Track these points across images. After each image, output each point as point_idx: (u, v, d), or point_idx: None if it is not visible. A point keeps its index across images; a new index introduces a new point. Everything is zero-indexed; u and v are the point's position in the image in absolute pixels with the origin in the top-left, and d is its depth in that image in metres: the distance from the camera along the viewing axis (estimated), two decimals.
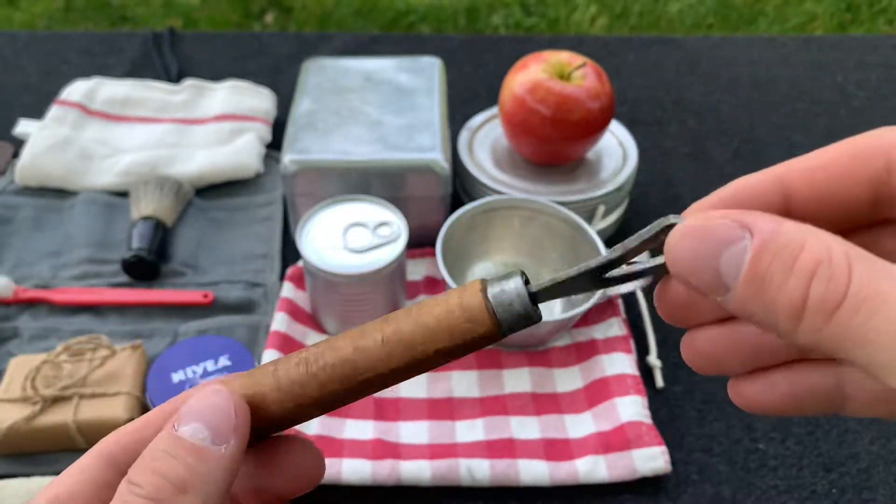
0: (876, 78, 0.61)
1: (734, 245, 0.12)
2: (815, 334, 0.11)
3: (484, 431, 0.34)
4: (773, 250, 0.11)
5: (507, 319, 0.14)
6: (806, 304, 0.11)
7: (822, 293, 0.11)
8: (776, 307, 0.11)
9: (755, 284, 0.11)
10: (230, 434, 0.14)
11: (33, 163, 0.47)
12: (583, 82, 0.41)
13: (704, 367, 0.14)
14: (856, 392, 0.14)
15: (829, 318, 0.11)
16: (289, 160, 0.40)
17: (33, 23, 1.33)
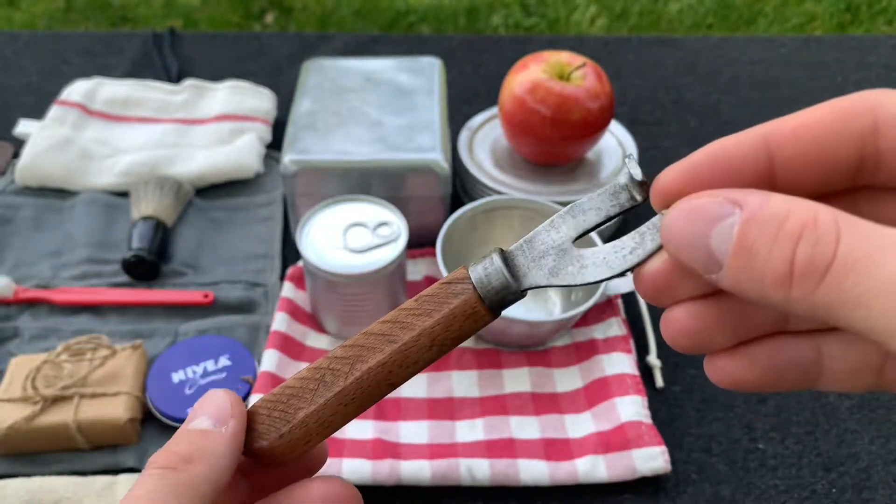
0: (875, 78, 0.61)
1: (723, 221, 0.12)
2: (808, 301, 0.11)
3: (484, 431, 0.34)
4: (760, 221, 0.11)
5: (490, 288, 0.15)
6: (793, 269, 0.11)
7: (809, 256, 0.11)
8: (765, 277, 0.11)
9: (744, 257, 0.11)
10: (228, 418, 0.16)
11: (34, 163, 0.47)
12: (582, 82, 0.41)
13: (685, 344, 0.14)
14: (833, 363, 0.14)
15: (819, 283, 0.10)
16: (289, 160, 0.40)
17: (34, 23, 1.33)
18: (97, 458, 0.33)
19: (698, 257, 0.12)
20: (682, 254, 0.12)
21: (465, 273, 0.15)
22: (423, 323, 0.15)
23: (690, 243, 0.12)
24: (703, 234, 0.12)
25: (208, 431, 0.15)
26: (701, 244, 0.12)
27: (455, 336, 0.15)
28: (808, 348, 0.14)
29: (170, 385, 0.35)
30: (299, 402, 0.16)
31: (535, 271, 0.15)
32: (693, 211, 0.12)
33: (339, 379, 0.16)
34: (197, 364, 0.36)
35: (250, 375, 0.36)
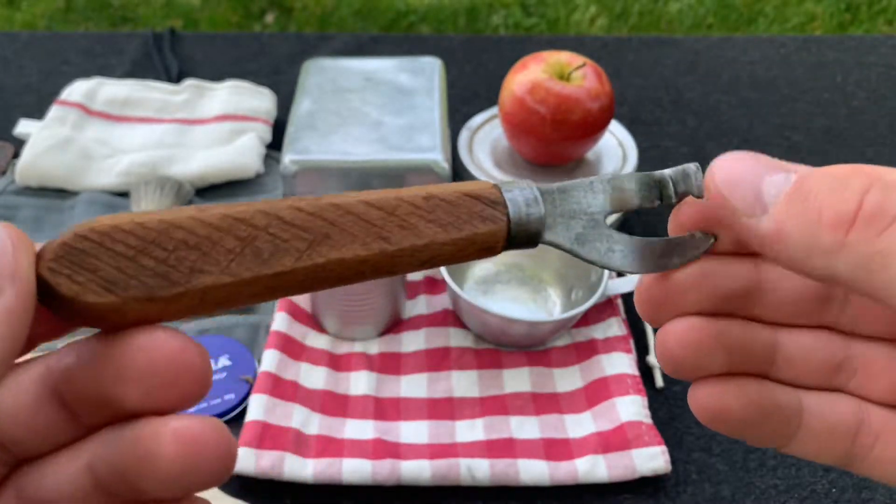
0: (876, 78, 0.61)
1: (781, 173, 0.11)
2: (865, 246, 0.10)
3: (484, 431, 0.34)
4: (822, 173, 0.11)
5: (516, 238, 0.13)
6: (859, 212, 0.10)
7: (879, 202, 0.10)
8: (820, 219, 0.10)
9: (800, 200, 0.11)
10: (5, 280, 0.10)
11: (34, 163, 0.47)
12: (582, 83, 0.41)
13: (685, 362, 0.14)
14: (811, 420, 0.14)
15: (885, 229, 0.10)
16: (289, 160, 0.40)
17: (34, 23, 1.33)
18: None
19: (744, 195, 0.11)
20: (727, 189, 0.12)
21: (498, 195, 0.13)
22: (434, 234, 0.12)
23: (741, 178, 0.12)
24: (759, 173, 0.11)
25: None
26: (752, 181, 0.11)
27: (458, 259, 0.13)
28: (791, 396, 0.14)
29: None
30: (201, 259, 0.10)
31: (562, 229, 0.13)
32: (752, 157, 0.12)
33: (284, 256, 0.11)
34: None
35: (250, 375, 0.36)
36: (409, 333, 0.39)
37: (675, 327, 0.14)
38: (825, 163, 0.12)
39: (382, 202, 0.12)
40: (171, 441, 0.10)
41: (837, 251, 0.10)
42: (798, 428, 0.14)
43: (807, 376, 0.14)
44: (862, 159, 0.52)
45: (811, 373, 0.14)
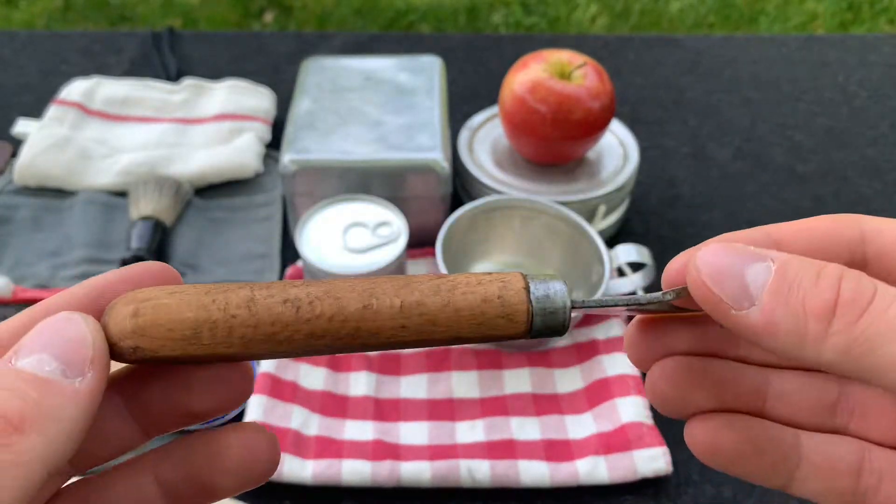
0: (877, 77, 0.60)
1: (759, 262, 0.12)
2: (847, 333, 0.11)
3: (484, 432, 0.34)
4: (799, 262, 0.12)
5: (540, 327, 0.13)
6: (838, 299, 0.11)
7: (854, 289, 0.11)
8: (805, 311, 0.11)
9: (783, 292, 0.11)
10: (86, 365, 0.11)
11: (32, 162, 0.47)
12: (583, 82, 0.41)
13: (672, 400, 0.14)
14: (811, 455, 0.14)
15: (864, 313, 0.11)
16: (288, 160, 0.40)
17: (32, 22, 1.33)
18: None
19: (731, 288, 0.12)
20: (714, 283, 0.12)
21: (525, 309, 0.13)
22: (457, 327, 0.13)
23: (725, 273, 0.12)
24: (740, 266, 0.12)
25: (52, 382, 0.10)
26: (736, 274, 0.12)
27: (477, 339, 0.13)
28: (787, 433, 0.14)
29: None
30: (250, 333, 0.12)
31: None
32: (730, 248, 0.12)
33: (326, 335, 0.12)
34: None
35: None
36: None
37: (663, 365, 0.14)
38: (827, 162, 0.12)
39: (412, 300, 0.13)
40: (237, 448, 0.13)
41: (824, 340, 0.11)
42: (798, 466, 0.14)
43: (802, 415, 0.14)
44: (863, 159, 0.52)
45: (806, 411, 0.14)
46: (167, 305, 0.12)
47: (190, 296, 0.12)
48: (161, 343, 0.12)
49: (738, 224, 0.47)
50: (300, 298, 0.12)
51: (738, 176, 0.51)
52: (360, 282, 0.13)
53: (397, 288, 0.13)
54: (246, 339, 0.12)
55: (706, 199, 0.49)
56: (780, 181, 0.50)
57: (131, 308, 0.12)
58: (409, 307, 0.13)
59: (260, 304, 0.12)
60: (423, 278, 0.13)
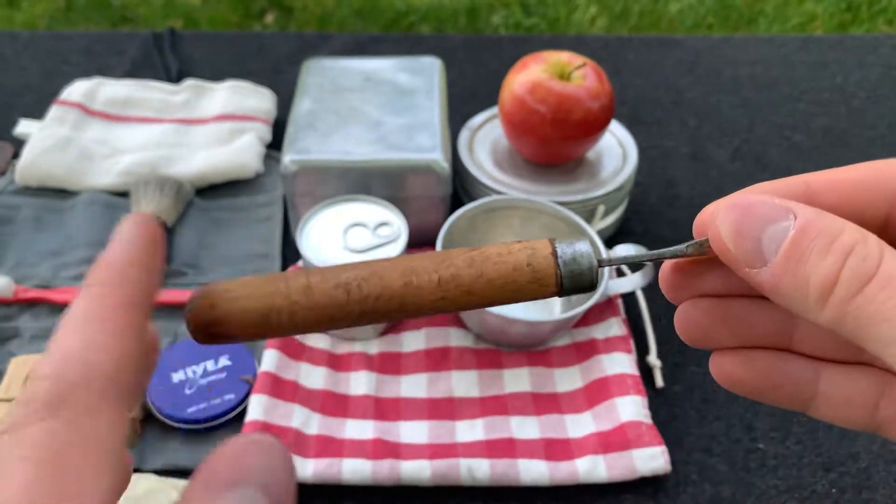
0: (876, 78, 0.61)
1: (778, 223, 0.12)
2: (841, 308, 0.12)
3: (484, 431, 0.34)
4: (815, 231, 0.12)
5: (570, 285, 0.15)
6: (838, 279, 0.12)
7: (855, 268, 0.11)
8: (809, 282, 0.12)
9: (793, 260, 0.12)
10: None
11: (34, 163, 0.47)
12: (583, 82, 0.41)
13: (695, 338, 0.15)
14: (828, 388, 0.15)
15: (858, 293, 0.11)
16: (289, 160, 0.40)
17: (34, 23, 1.33)
18: None
19: (746, 248, 0.12)
20: (731, 241, 0.13)
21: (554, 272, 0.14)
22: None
23: (742, 233, 0.13)
24: (757, 227, 0.12)
25: None
26: (752, 236, 0.12)
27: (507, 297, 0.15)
28: (807, 368, 0.15)
29: (170, 385, 0.35)
30: None
31: None
32: (749, 206, 0.13)
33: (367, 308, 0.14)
34: (197, 364, 0.36)
35: (250, 375, 0.36)
36: (409, 333, 0.39)
37: (688, 309, 0.15)
38: (826, 163, 0.12)
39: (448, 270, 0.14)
40: None
41: (822, 310, 0.12)
42: (814, 397, 0.15)
43: (828, 350, 0.15)
44: (862, 159, 0.52)
45: (831, 347, 0.15)
46: (238, 298, 0.14)
47: (257, 287, 0.14)
48: (237, 329, 0.14)
49: None
50: (349, 283, 0.14)
51: (737, 176, 0.51)
52: (401, 260, 0.14)
53: (436, 264, 0.14)
54: (308, 320, 0.14)
55: (705, 200, 0.49)
56: None
57: (208, 301, 0.14)
58: (447, 280, 0.14)
59: (316, 290, 0.14)
60: (457, 252, 0.15)
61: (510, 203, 0.41)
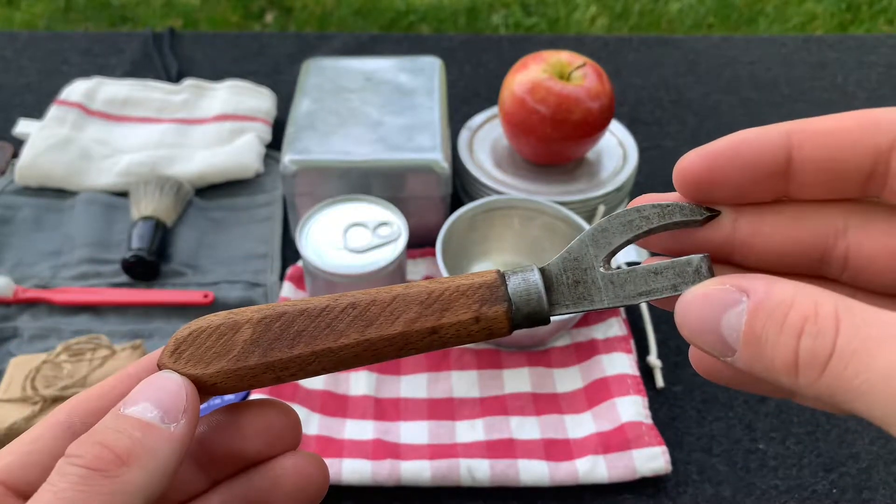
0: (876, 78, 0.61)
1: (733, 308, 0.12)
2: (813, 388, 0.11)
3: (484, 431, 0.34)
4: (766, 311, 0.12)
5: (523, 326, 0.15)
6: (797, 360, 0.11)
7: (811, 348, 0.11)
8: (774, 364, 0.12)
9: (753, 345, 0.12)
10: (179, 414, 0.13)
11: (33, 163, 0.47)
12: (583, 82, 0.41)
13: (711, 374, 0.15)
14: None
15: (822, 373, 0.11)
16: (289, 160, 0.40)
17: (33, 23, 1.33)
18: None
19: (712, 343, 0.13)
20: (697, 340, 0.13)
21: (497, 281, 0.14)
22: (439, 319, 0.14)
23: (703, 330, 0.13)
24: (715, 321, 0.12)
25: (152, 426, 0.13)
26: (713, 330, 0.13)
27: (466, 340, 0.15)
28: None
29: None
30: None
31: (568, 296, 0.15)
32: (704, 298, 0.13)
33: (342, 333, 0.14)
34: None
35: None
36: None
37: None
38: None
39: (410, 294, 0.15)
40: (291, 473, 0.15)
41: (797, 389, 0.12)
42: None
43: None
44: None
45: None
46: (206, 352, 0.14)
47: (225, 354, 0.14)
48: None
49: None
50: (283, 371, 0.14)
51: None
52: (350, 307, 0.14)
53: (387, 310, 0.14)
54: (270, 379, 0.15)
55: None
56: None
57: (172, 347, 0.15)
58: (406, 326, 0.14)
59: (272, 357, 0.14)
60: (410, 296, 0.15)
61: (510, 203, 0.41)
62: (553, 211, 0.40)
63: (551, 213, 0.40)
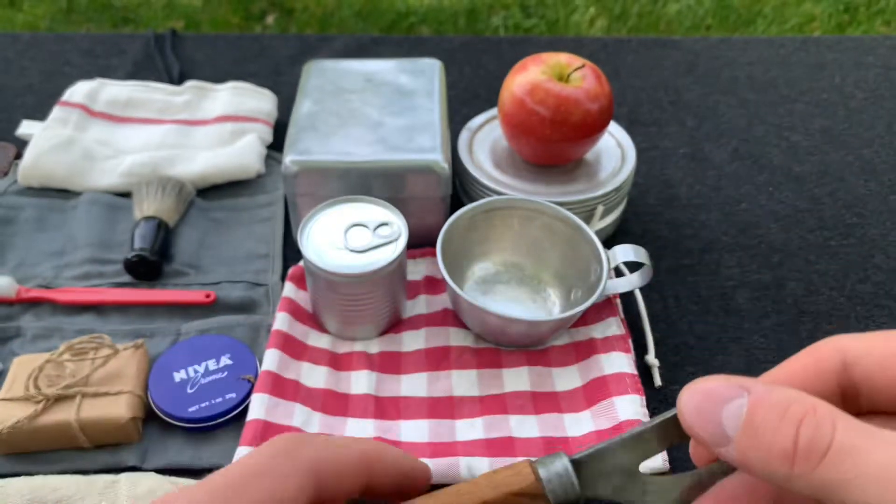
0: (874, 78, 0.61)
1: (734, 401, 0.13)
2: (808, 478, 0.12)
3: (484, 430, 0.34)
4: (768, 403, 0.13)
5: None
6: (797, 447, 0.12)
7: (811, 437, 0.12)
8: (771, 452, 0.12)
9: (752, 433, 0.13)
10: None
11: (36, 163, 0.47)
12: (582, 84, 0.41)
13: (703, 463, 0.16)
14: None
15: (820, 462, 0.12)
16: (290, 161, 0.41)
17: (36, 24, 1.34)
18: (99, 456, 0.34)
19: (710, 431, 0.14)
20: (696, 427, 0.14)
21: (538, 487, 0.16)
22: None
23: (703, 418, 0.14)
24: (716, 410, 0.13)
25: None
26: (713, 419, 0.13)
27: None
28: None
29: (171, 384, 0.36)
30: None
31: (601, 485, 0.17)
32: (707, 391, 0.14)
33: None
34: (199, 363, 0.36)
35: (251, 374, 0.36)
36: (410, 333, 0.39)
37: None
38: (824, 163, 0.12)
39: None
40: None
41: (790, 479, 0.12)
42: None
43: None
44: (860, 160, 0.53)
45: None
46: None
47: None
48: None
49: (734, 225, 0.48)
50: None
51: (735, 177, 0.51)
52: None
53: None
54: None
55: (703, 200, 0.49)
56: (777, 182, 0.51)
57: None
58: None
59: None
60: None
61: (509, 203, 0.41)
62: (552, 211, 0.40)
63: (550, 214, 0.40)
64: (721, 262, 0.45)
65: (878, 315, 0.41)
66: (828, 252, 0.45)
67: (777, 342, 0.40)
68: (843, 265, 0.45)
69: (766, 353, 0.39)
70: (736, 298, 0.42)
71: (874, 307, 0.42)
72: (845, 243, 0.46)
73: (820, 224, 0.48)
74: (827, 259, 0.45)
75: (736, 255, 0.45)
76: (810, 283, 0.43)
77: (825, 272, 0.44)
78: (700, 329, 0.40)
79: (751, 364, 0.39)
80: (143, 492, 0.31)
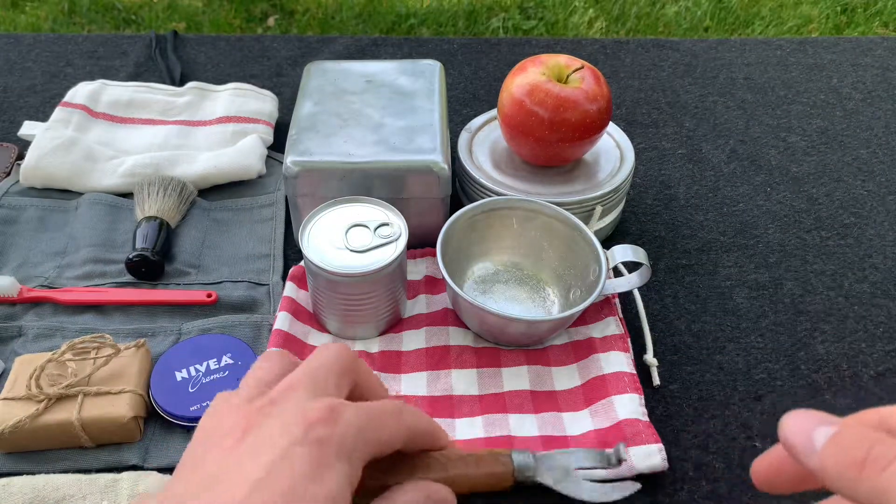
0: (871, 80, 0.61)
1: (824, 425, 0.18)
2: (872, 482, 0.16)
3: (483, 428, 0.35)
4: (851, 430, 0.17)
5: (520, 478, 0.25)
6: (868, 456, 0.16)
7: (881, 453, 0.16)
8: (846, 460, 0.17)
9: (835, 448, 0.17)
10: None
11: (38, 164, 0.47)
12: (580, 85, 0.41)
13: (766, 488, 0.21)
14: None
15: (884, 470, 0.16)
16: (291, 162, 0.41)
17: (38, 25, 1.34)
18: (101, 455, 0.34)
19: (802, 442, 0.18)
20: (792, 437, 0.18)
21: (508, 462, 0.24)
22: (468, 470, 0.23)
23: (799, 431, 0.18)
24: (810, 428, 0.18)
25: None
26: (805, 433, 0.18)
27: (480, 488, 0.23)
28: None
29: (173, 383, 0.36)
30: None
31: (546, 474, 0.27)
32: (806, 414, 0.18)
33: None
34: (200, 363, 0.37)
35: None
36: (410, 332, 0.39)
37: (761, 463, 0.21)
38: (821, 163, 0.12)
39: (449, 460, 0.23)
40: None
41: (857, 483, 0.16)
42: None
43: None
44: (857, 161, 0.53)
45: None
46: None
47: None
48: None
49: (732, 225, 0.48)
50: None
51: (733, 177, 0.52)
52: None
53: None
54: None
55: (701, 201, 0.50)
56: (775, 182, 0.51)
57: None
58: None
59: None
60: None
61: (509, 204, 0.41)
62: (551, 211, 0.40)
63: (549, 214, 0.41)
64: (719, 261, 0.45)
65: (876, 315, 0.42)
66: (825, 252, 0.46)
67: (774, 341, 0.40)
68: (840, 265, 0.45)
69: (763, 352, 0.39)
70: (734, 298, 0.42)
71: (871, 307, 0.42)
72: (843, 243, 0.46)
73: (817, 224, 0.48)
74: (824, 259, 0.45)
75: (734, 255, 0.45)
76: (807, 282, 0.44)
77: (822, 272, 0.44)
78: (698, 328, 0.40)
79: (749, 363, 0.39)
80: (145, 491, 0.31)
